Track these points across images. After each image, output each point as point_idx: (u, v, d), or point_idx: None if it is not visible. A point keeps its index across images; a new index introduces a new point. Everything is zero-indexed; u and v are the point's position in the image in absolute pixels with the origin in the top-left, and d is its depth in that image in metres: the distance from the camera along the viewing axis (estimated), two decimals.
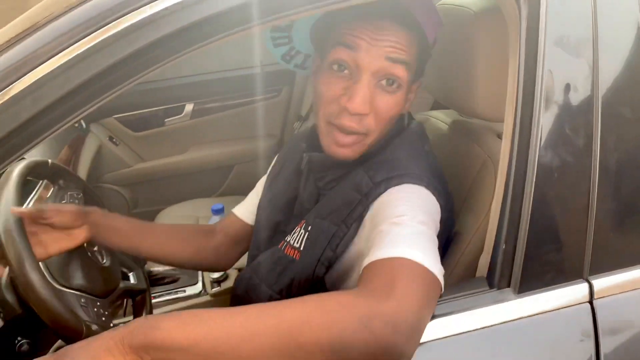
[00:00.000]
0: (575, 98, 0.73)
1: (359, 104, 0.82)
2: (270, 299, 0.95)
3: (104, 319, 0.99)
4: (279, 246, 0.98)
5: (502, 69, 0.80)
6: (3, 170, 0.68)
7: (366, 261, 0.71)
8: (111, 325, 1.01)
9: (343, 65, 0.85)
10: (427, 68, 1.10)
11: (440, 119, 1.21)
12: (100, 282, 1.04)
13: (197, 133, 2.23)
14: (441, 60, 1.04)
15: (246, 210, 1.16)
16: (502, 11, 0.79)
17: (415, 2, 0.86)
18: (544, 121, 0.73)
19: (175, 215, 2.06)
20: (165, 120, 2.20)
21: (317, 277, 0.89)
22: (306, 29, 0.96)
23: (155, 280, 1.59)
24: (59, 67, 0.61)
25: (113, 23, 0.63)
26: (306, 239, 0.92)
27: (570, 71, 0.74)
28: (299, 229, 0.95)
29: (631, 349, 0.75)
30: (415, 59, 0.87)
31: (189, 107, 2.20)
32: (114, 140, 2.16)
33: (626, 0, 0.76)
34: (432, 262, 0.68)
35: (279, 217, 1.05)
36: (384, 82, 0.85)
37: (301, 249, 0.92)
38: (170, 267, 1.67)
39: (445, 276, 0.92)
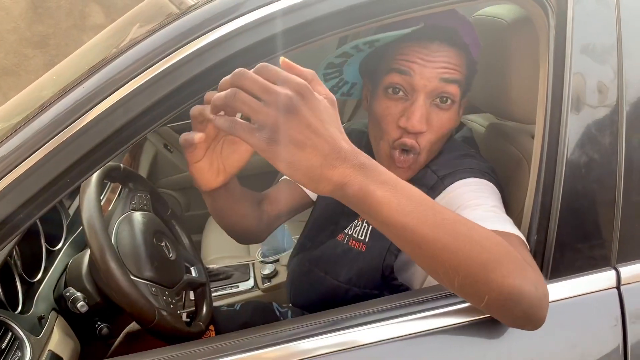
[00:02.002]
0: (601, 100, 0.80)
1: (417, 122, 0.88)
2: (337, 288, 1.00)
3: (172, 306, 1.10)
4: (339, 239, 1.05)
5: (534, 75, 0.87)
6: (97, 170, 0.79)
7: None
8: (178, 312, 1.12)
9: (397, 88, 0.90)
10: None
11: (477, 122, 1.28)
12: (167, 274, 1.15)
13: None
14: (478, 68, 1.12)
15: None
16: (533, 21, 0.87)
17: (461, 24, 0.93)
18: (572, 121, 0.80)
19: None
20: None
21: (387, 265, 0.94)
22: (357, 62, 1.03)
23: (210, 277, 1.70)
24: (145, 83, 0.72)
25: (188, 45, 0.74)
26: (371, 232, 0.98)
27: (596, 76, 0.80)
28: (360, 222, 1.01)
29: None
30: (464, 76, 0.93)
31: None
32: (169, 147, 2.31)
33: None
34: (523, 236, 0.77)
35: (337, 215, 1.11)
36: (437, 100, 0.91)
37: (366, 240, 0.98)
38: (224, 265, 1.79)
39: None
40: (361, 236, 1.00)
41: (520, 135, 1.10)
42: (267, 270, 1.66)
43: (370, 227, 0.98)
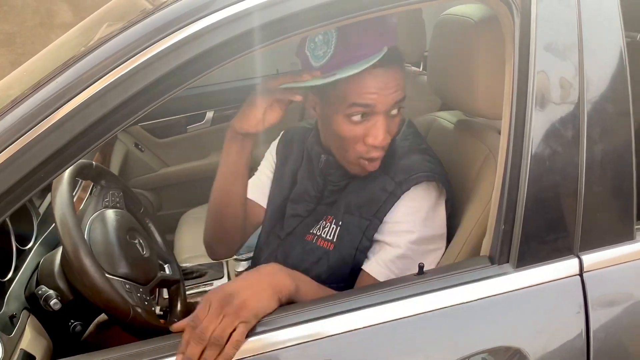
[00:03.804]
0: (563, 96, 0.83)
1: (384, 138, 1.00)
2: None
3: (146, 303, 1.10)
4: (307, 239, 1.11)
5: (500, 72, 0.90)
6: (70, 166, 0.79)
7: (366, 265, 1.00)
8: (152, 309, 1.12)
9: (361, 114, 0.98)
10: (435, 73, 1.21)
11: (446, 119, 1.31)
12: (141, 271, 1.15)
13: (217, 139, 2.32)
14: (446, 66, 1.15)
15: (258, 192, 1.25)
16: (499, 20, 0.90)
17: (387, 28, 0.98)
18: (536, 116, 0.83)
19: (198, 217, 2.17)
20: (187, 127, 2.33)
21: (357, 263, 1.04)
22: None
23: (185, 275, 1.70)
24: (120, 77, 0.73)
25: (163, 39, 0.74)
26: (339, 232, 1.06)
27: (559, 72, 0.83)
28: (327, 223, 1.09)
29: (616, 314, 0.84)
30: None
31: (209, 115, 2.32)
32: (140, 146, 2.29)
33: (607, 10, 0.85)
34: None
35: (285, 204, 1.20)
36: (392, 112, 1.00)
37: (334, 240, 1.06)
38: (198, 263, 1.78)
39: (453, 256, 1.03)
40: (329, 236, 1.07)
41: (487, 131, 1.13)
42: (241, 267, 1.66)
43: (339, 228, 1.06)
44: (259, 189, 1.26)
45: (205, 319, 0.79)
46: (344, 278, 1.05)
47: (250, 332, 0.79)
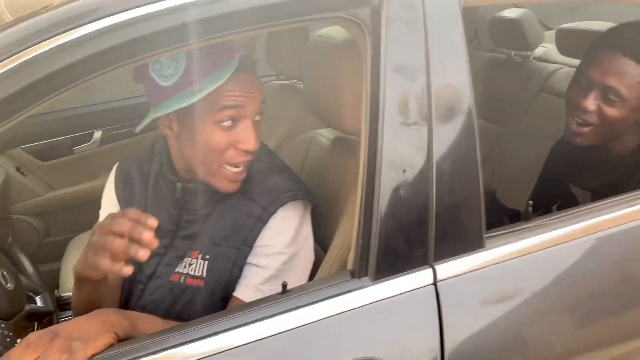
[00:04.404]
0: (413, 114, 0.87)
1: (255, 142, 1.00)
2: None
3: (8, 339, 1.04)
4: (173, 279, 1.06)
5: (361, 91, 0.94)
6: None
7: (237, 290, 0.99)
8: (15, 345, 1.05)
9: (231, 119, 0.98)
10: (308, 91, 1.24)
11: (325, 136, 1.34)
12: (4, 305, 1.09)
13: (107, 159, 2.24)
14: (317, 84, 1.18)
15: None
16: (356, 42, 0.93)
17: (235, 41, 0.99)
18: (387, 134, 0.86)
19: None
20: (74, 148, 2.22)
21: (229, 294, 1.02)
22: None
23: (66, 305, 1.61)
24: None
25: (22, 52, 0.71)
26: (207, 266, 1.04)
27: (408, 92, 0.87)
28: (194, 259, 1.05)
29: (468, 320, 0.90)
30: None
31: (97, 135, 2.23)
32: (22, 170, 2.16)
33: (452, 33, 0.90)
34: None
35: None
36: (256, 117, 1.01)
37: (204, 276, 1.04)
38: None
39: (326, 271, 1.06)
40: (198, 273, 1.05)
41: (358, 148, 1.16)
42: None
43: (206, 262, 1.04)
44: None
45: (22, 354, 0.75)
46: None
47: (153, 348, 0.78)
